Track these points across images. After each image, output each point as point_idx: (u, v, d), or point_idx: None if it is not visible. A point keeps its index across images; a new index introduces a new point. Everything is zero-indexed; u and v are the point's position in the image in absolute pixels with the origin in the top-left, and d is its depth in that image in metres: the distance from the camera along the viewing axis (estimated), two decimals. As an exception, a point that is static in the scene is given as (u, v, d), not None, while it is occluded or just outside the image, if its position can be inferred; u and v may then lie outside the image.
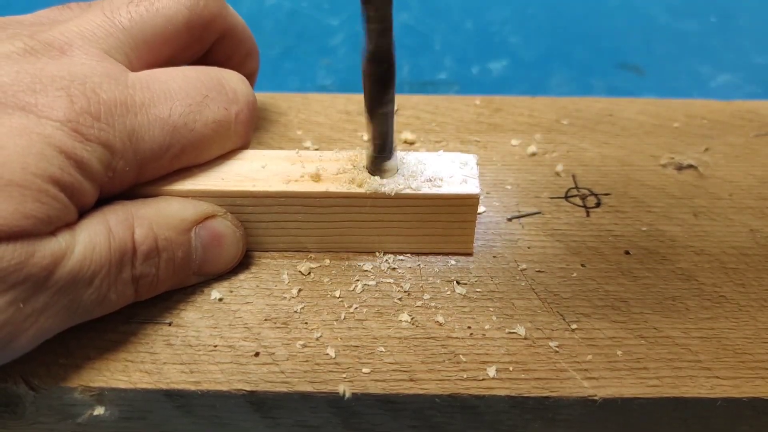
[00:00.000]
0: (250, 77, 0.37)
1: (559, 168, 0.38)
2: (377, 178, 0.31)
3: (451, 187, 0.31)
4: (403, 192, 0.31)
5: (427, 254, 0.33)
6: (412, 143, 0.39)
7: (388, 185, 0.31)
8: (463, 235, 0.32)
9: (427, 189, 0.31)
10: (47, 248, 0.25)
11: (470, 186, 0.31)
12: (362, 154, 0.32)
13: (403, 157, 0.32)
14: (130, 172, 0.28)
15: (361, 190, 0.31)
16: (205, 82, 0.30)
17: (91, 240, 0.26)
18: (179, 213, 0.30)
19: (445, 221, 0.32)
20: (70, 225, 0.26)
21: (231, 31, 0.35)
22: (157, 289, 0.30)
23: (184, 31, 0.32)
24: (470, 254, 0.33)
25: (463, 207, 0.31)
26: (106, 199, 0.29)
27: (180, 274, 0.30)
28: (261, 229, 0.32)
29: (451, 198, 0.31)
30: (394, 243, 0.33)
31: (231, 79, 0.32)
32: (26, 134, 0.25)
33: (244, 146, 0.33)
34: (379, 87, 0.28)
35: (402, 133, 0.40)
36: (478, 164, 0.32)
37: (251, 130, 0.33)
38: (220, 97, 0.30)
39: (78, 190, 0.26)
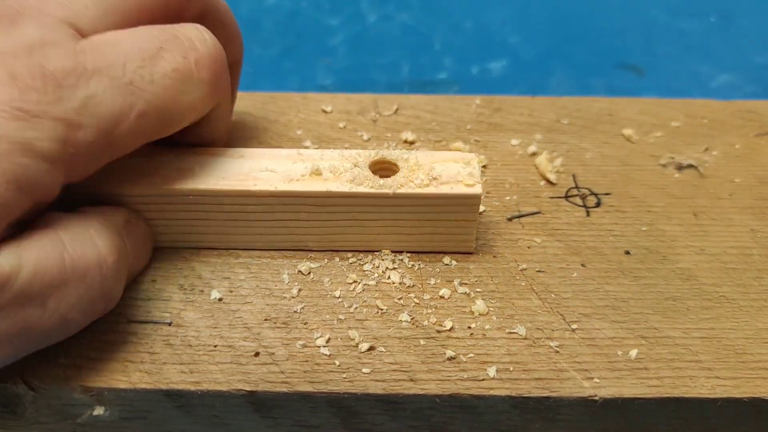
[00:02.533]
0: (233, 66, 0.35)
1: (559, 167, 0.38)
2: (377, 177, 0.31)
3: (452, 187, 0.31)
4: (403, 191, 0.31)
5: (427, 253, 0.33)
6: (412, 143, 0.39)
7: (388, 184, 0.31)
8: (464, 234, 0.32)
9: (427, 188, 0.31)
10: None
11: (472, 185, 0.31)
12: (364, 154, 0.32)
13: (403, 155, 0.32)
14: (96, 143, 0.26)
15: (362, 190, 0.31)
16: (158, 36, 0.28)
17: (39, 260, 0.24)
18: (114, 219, 0.29)
19: (446, 220, 0.32)
20: (17, 241, 0.24)
21: (212, 11, 0.33)
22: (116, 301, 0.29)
23: (159, 3, 0.30)
24: (471, 253, 0.33)
25: (464, 206, 0.31)
26: (81, 191, 0.27)
27: (125, 279, 0.29)
28: (262, 228, 0.32)
29: (452, 197, 0.31)
30: (395, 242, 0.33)
31: (186, 29, 0.29)
32: None
33: (222, 99, 0.31)
34: None
35: (402, 133, 0.40)
36: (479, 163, 0.32)
37: (221, 78, 0.30)
38: (175, 47, 0.28)
39: (30, 178, 0.24)
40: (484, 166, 0.38)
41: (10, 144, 0.23)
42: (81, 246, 0.26)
